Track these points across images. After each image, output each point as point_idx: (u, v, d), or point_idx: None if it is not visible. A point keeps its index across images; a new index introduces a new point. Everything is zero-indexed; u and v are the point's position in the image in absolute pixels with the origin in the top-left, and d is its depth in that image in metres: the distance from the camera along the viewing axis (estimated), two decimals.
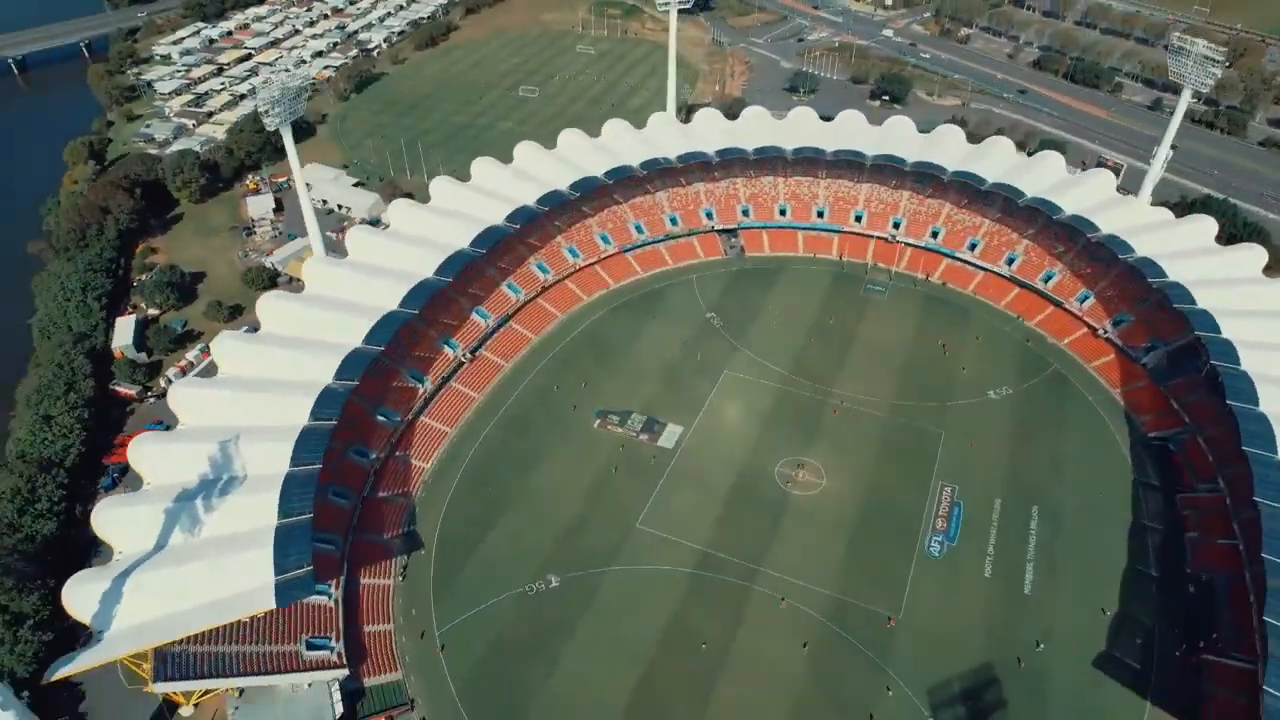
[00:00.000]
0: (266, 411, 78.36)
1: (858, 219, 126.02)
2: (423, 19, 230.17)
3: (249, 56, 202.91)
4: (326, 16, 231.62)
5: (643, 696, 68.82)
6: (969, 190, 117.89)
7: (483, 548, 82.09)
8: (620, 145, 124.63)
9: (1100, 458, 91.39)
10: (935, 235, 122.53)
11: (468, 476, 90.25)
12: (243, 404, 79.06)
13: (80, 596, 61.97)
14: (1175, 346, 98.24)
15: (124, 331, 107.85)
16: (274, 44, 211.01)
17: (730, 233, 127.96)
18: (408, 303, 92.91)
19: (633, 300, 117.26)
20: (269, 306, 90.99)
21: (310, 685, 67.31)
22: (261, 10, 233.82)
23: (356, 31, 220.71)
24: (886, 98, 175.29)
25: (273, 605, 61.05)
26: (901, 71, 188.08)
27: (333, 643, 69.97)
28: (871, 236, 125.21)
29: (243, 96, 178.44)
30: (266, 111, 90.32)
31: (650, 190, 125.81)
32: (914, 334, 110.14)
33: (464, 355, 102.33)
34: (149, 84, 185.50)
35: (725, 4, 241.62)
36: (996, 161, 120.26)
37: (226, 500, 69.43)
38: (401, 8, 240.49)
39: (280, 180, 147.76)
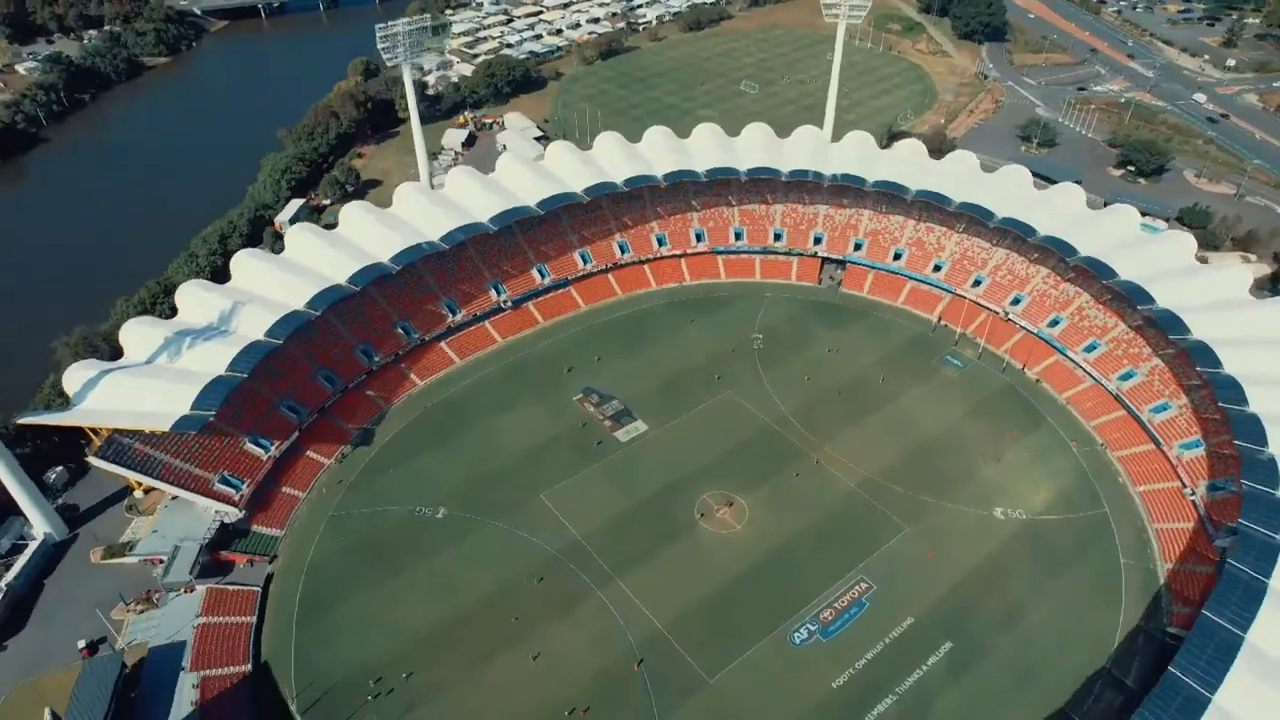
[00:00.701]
0: (269, 309, 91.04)
1: (976, 284, 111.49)
2: (704, 3, 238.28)
3: (539, 14, 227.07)
4: None
5: (438, 635, 72.43)
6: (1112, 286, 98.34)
7: (416, 461, 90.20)
8: (743, 147, 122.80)
9: (1081, 636, 73.84)
10: (1054, 325, 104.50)
11: (449, 400, 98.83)
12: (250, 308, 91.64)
13: (74, 377, 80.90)
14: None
15: (289, 211, 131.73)
16: (565, 6, 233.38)
17: (836, 263, 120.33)
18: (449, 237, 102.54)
19: (695, 300, 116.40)
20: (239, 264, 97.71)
21: (217, 513, 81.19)
22: None
23: (639, 5, 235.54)
24: (1132, 169, 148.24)
25: (165, 428, 74.63)
26: (1171, 142, 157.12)
27: (244, 487, 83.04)
28: (984, 308, 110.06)
29: (508, 45, 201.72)
30: (388, 49, 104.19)
31: (767, 201, 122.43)
32: (959, 420, 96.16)
33: (506, 302, 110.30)
34: (447, 25, 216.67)
35: (1020, 37, 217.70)
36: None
37: (207, 345, 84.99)
38: None
39: (487, 121, 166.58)
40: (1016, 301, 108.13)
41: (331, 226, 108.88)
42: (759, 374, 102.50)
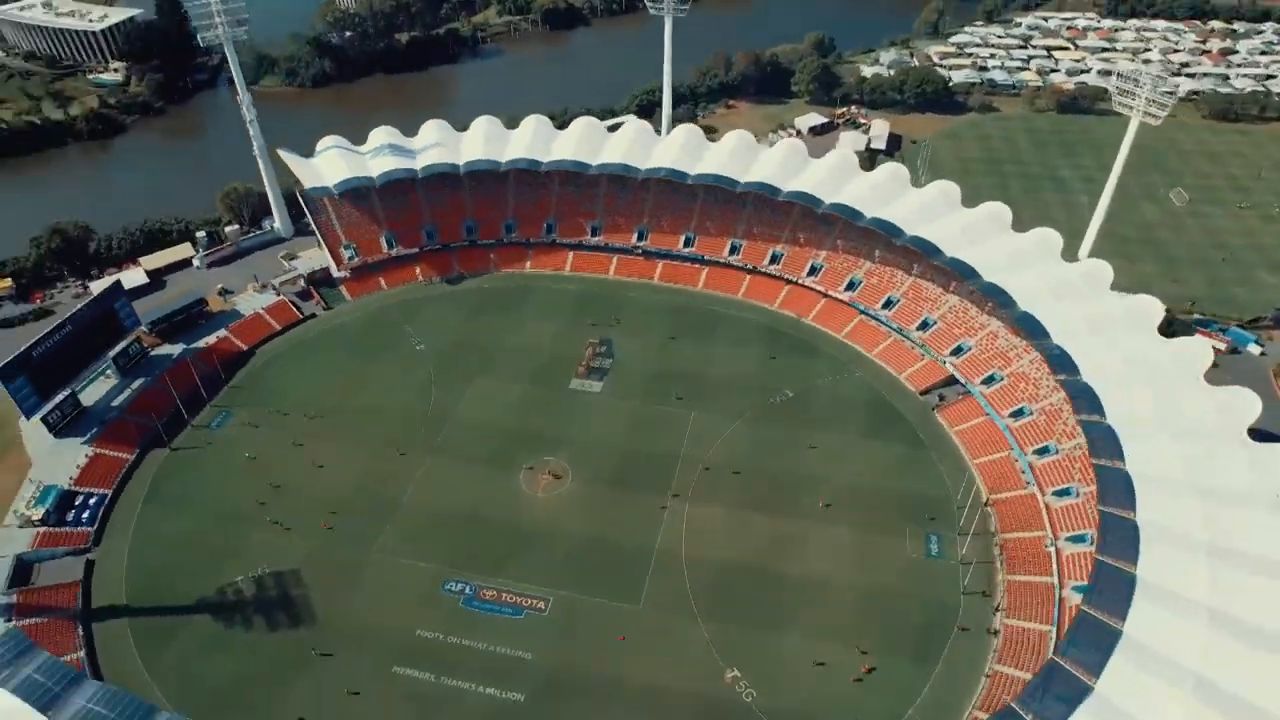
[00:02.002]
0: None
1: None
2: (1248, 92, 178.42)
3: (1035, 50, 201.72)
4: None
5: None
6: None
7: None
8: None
9: None
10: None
11: (344, 327, 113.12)
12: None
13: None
14: None
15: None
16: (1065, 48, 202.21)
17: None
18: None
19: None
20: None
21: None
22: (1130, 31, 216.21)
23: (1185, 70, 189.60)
24: None
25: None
26: None
27: (355, 256, 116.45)
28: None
29: (982, 68, 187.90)
30: None
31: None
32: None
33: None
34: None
35: None
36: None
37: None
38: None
39: (860, 120, 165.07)
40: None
41: None
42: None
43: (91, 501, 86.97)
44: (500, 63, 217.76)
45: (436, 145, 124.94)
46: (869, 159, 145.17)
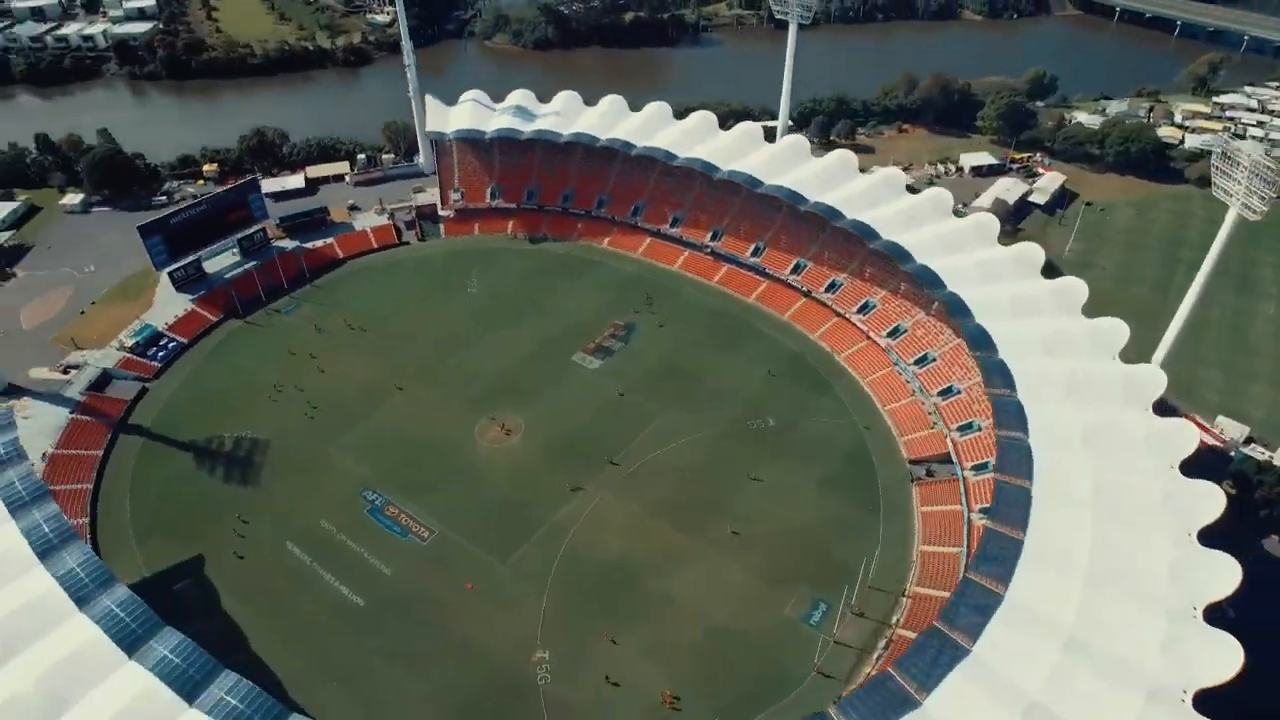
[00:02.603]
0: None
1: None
2: None
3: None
4: None
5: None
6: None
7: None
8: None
9: None
10: None
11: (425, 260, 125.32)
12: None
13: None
14: None
15: None
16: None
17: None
18: None
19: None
20: None
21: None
22: None
23: None
24: None
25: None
26: None
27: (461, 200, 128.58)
28: None
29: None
30: None
31: None
32: None
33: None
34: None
35: None
36: None
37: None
38: None
39: (1041, 172, 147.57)
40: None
41: None
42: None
43: (170, 346, 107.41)
44: (716, 53, 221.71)
45: (557, 114, 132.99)
46: (1014, 215, 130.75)
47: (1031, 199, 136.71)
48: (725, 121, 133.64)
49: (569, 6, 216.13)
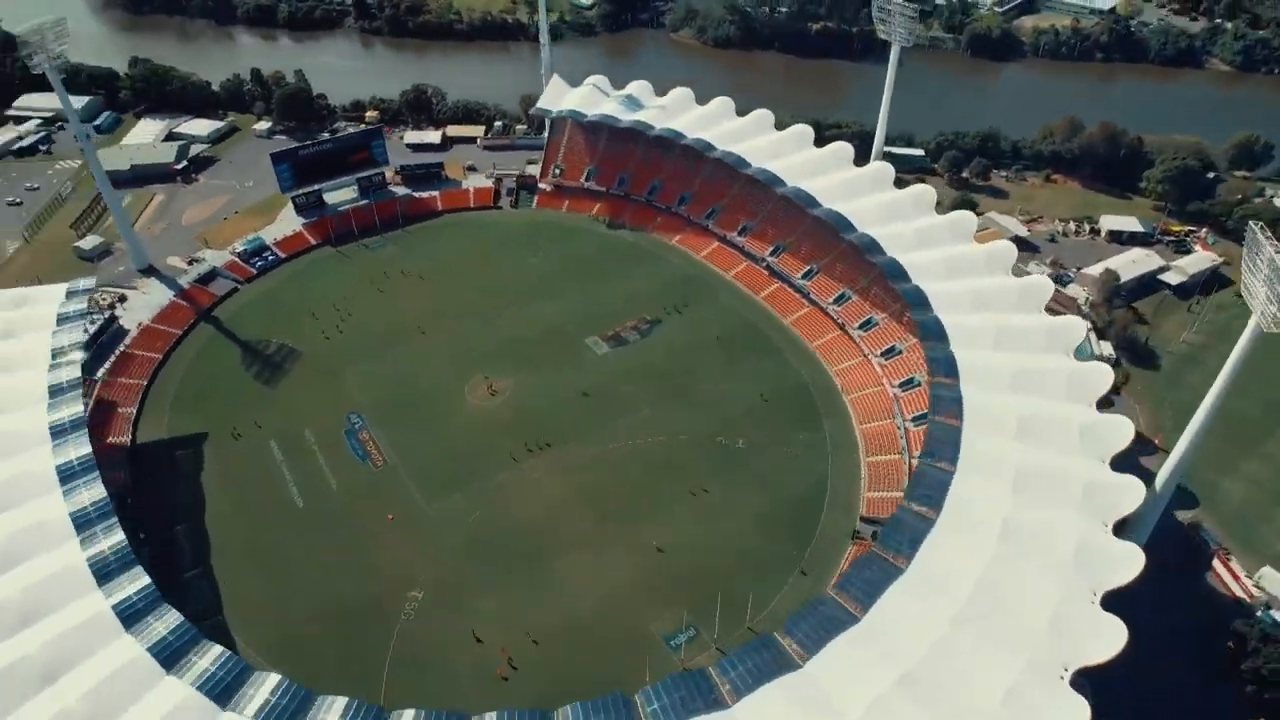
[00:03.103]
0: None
1: None
2: None
3: None
4: None
5: None
6: None
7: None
8: None
9: None
10: None
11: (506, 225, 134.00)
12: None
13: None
14: None
15: None
16: None
17: None
18: None
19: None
20: None
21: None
22: None
23: None
24: None
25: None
26: None
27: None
28: None
29: None
30: None
31: None
32: None
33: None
34: None
35: None
36: None
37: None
38: None
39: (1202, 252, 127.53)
40: None
41: None
42: None
43: (269, 258, 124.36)
44: (903, 74, 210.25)
45: (663, 108, 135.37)
46: (1124, 290, 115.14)
47: (1164, 277, 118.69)
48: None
49: (756, 8, 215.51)
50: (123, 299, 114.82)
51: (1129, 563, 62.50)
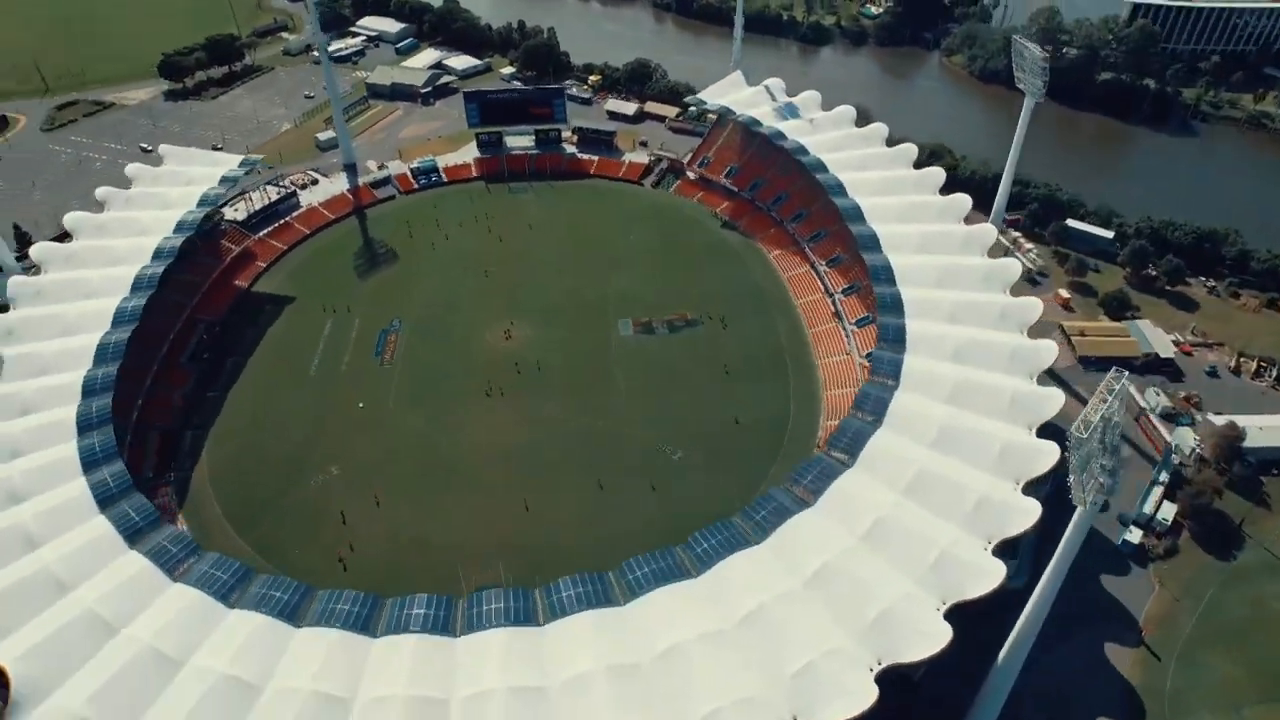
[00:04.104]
0: None
1: None
2: None
3: None
4: None
5: None
6: None
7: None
8: None
9: None
10: None
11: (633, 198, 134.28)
12: None
13: None
14: None
15: None
16: None
17: None
18: None
19: None
20: None
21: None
22: None
23: None
24: None
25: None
26: None
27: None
28: None
29: None
30: None
31: None
32: None
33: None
34: None
35: None
36: None
37: None
38: None
39: None
40: None
41: None
42: None
43: (433, 179, 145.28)
44: (1206, 149, 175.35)
45: (810, 122, 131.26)
46: (1256, 464, 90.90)
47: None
48: None
49: (1042, 47, 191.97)
50: (315, 181, 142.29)
51: (1045, 457, 73.36)
